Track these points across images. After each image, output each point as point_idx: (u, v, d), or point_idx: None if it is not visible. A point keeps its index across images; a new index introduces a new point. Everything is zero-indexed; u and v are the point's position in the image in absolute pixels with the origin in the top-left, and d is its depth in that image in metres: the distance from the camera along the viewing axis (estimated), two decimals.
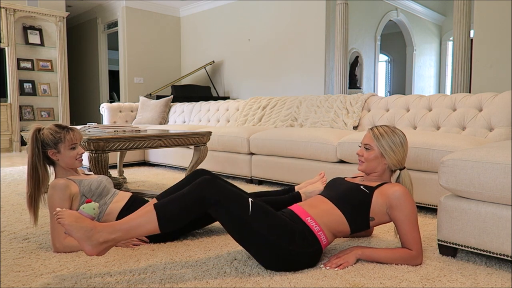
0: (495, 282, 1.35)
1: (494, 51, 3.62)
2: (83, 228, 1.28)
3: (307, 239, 1.44)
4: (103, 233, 1.29)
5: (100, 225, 1.31)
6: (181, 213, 1.35)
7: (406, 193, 1.50)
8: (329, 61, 5.92)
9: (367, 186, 1.58)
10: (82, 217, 1.31)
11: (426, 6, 8.69)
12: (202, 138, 2.71)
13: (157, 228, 1.33)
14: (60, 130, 1.73)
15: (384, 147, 1.59)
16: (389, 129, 1.63)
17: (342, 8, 5.58)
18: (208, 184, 1.39)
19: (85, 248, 1.28)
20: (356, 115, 3.34)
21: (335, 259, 1.49)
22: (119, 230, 1.31)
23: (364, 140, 1.66)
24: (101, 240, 1.28)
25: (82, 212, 1.36)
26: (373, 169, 1.64)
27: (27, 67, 6.24)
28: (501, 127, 2.54)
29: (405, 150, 1.62)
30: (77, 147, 1.77)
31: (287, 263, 1.41)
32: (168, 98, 5.44)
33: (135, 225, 1.32)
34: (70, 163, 1.76)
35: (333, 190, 1.65)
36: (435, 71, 9.64)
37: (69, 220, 1.28)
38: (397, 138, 1.60)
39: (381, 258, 1.49)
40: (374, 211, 1.53)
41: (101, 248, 1.29)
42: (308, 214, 1.51)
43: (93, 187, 1.76)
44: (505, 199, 1.38)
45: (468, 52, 4.34)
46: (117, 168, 3.65)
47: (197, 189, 1.38)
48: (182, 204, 1.36)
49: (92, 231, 1.28)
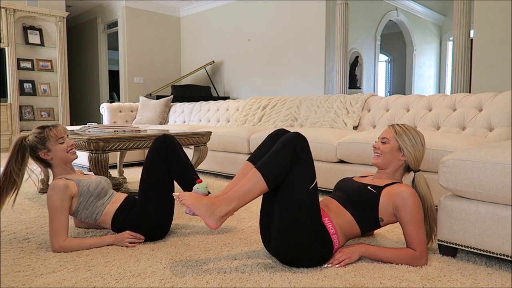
0: (495, 282, 1.35)
1: (494, 51, 3.62)
2: (205, 206, 1.37)
3: (324, 239, 1.45)
4: (222, 207, 1.38)
5: (217, 200, 1.40)
6: (281, 166, 1.41)
7: (412, 194, 1.49)
8: (329, 61, 5.92)
9: (374, 186, 1.56)
10: (200, 196, 1.41)
11: (426, 6, 8.69)
12: (202, 138, 2.71)
13: (266, 187, 1.39)
14: (42, 130, 1.76)
15: (405, 141, 1.59)
16: (411, 128, 1.63)
17: (342, 8, 5.58)
18: (300, 137, 1.46)
19: (208, 223, 1.37)
20: (356, 115, 3.34)
21: (338, 254, 1.49)
22: (235, 198, 1.39)
23: (383, 134, 1.66)
24: (223, 213, 1.38)
25: (196, 191, 1.46)
26: (387, 164, 1.63)
27: (27, 67, 6.23)
28: (501, 127, 2.54)
29: (424, 151, 1.62)
30: (65, 140, 1.78)
31: (300, 254, 1.42)
32: (168, 98, 5.44)
33: (246, 190, 1.39)
34: (64, 157, 1.77)
35: (341, 191, 1.65)
36: (435, 71, 9.64)
37: (191, 200, 1.38)
38: (418, 138, 1.61)
39: (385, 257, 1.49)
40: (382, 211, 1.52)
41: (223, 221, 1.39)
42: (326, 215, 1.52)
43: (92, 188, 1.76)
44: (505, 199, 1.38)
45: (468, 52, 4.34)
46: (117, 168, 3.65)
47: (290, 141, 1.44)
48: (279, 158, 1.41)
49: (213, 207, 1.38)
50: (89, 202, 1.76)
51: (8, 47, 5.91)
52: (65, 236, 1.64)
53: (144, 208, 1.77)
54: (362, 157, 2.55)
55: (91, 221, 1.79)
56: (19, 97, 6.11)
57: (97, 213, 1.78)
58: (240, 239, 1.81)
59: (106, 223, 1.80)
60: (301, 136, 1.47)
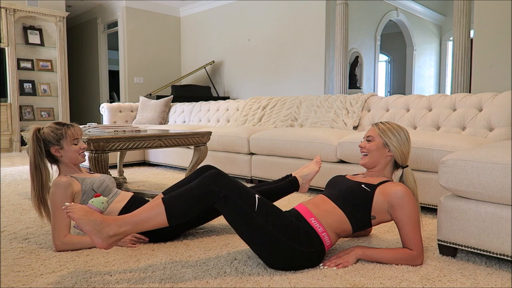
0: (495, 282, 1.35)
1: (494, 51, 3.62)
2: (92, 222, 1.29)
3: (311, 239, 1.44)
4: (112, 227, 1.30)
5: (109, 219, 1.32)
6: (189, 206, 1.36)
7: (408, 193, 1.49)
8: (329, 61, 5.92)
9: (368, 184, 1.56)
10: (92, 211, 1.33)
11: (426, 6, 8.69)
12: (202, 138, 2.71)
13: (166, 221, 1.34)
14: (60, 127, 1.75)
15: (390, 137, 1.60)
16: (395, 124, 1.65)
17: (342, 8, 5.58)
18: (217, 177, 1.40)
19: (95, 241, 1.29)
20: (356, 115, 3.34)
21: (335, 258, 1.49)
22: (129, 223, 1.32)
23: (367, 133, 1.67)
24: (111, 233, 1.30)
25: (91, 206, 1.38)
26: (375, 162, 1.63)
27: (27, 67, 6.24)
28: (501, 127, 2.54)
29: (409, 146, 1.63)
30: (79, 142, 1.78)
31: (290, 262, 1.41)
32: (168, 98, 5.44)
33: (144, 219, 1.33)
34: (74, 158, 1.77)
35: (334, 189, 1.65)
36: (435, 71, 9.64)
37: (79, 213, 1.29)
38: (402, 133, 1.62)
39: (382, 258, 1.49)
40: (375, 209, 1.52)
41: (111, 241, 1.31)
42: (312, 214, 1.51)
43: (95, 186, 1.76)
44: (505, 199, 1.38)
45: (468, 52, 4.34)
46: (117, 168, 3.65)
47: (206, 182, 1.39)
48: (190, 198, 1.36)
49: (102, 225, 1.29)
50: None
51: (8, 47, 5.91)
52: (66, 232, 1.64)
53: None
54: None
55: None
56: (19, 97, 6.12)
57: None
58: (240, 239, 1.81)
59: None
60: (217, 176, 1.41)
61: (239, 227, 1.42)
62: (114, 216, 1.35)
